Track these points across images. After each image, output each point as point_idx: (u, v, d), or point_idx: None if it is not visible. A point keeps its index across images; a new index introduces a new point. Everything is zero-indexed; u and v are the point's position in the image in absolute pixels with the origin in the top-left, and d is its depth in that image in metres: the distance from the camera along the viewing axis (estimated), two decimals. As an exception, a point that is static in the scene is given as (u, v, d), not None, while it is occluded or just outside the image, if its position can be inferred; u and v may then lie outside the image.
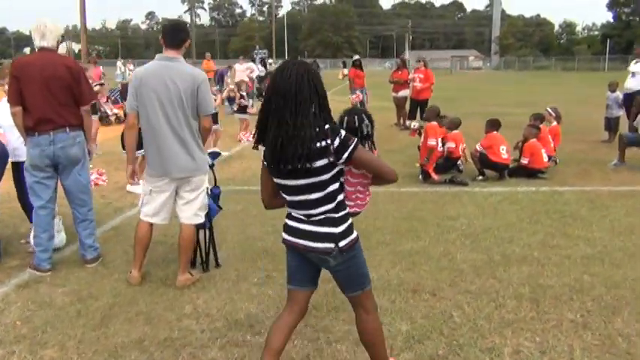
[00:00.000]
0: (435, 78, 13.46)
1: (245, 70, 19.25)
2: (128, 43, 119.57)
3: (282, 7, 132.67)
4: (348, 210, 2.62)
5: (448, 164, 8.28)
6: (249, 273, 4.53)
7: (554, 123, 8.93)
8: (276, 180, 2.59)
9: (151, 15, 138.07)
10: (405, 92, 13.74)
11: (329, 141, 2.41)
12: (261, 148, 2.59)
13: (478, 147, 7.88)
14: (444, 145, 8.04)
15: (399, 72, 14.09)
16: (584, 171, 8.41)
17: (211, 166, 4.56)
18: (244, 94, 12.23)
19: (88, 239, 4.68)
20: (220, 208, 4.68)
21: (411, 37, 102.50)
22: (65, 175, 4.53)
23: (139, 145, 7.04)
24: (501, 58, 78.96)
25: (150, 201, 4.22)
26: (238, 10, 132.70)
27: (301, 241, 2.61)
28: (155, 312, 3.85)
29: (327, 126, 2.45)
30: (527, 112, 10.00)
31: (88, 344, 3.42)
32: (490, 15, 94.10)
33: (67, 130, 4.38)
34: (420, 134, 8.00)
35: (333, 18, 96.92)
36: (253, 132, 2.61)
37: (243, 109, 12.13)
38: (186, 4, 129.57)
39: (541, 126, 8.41)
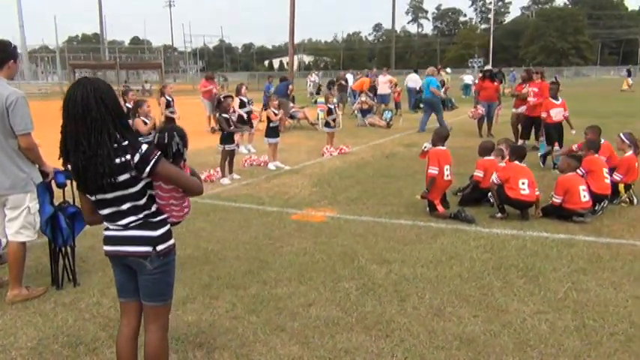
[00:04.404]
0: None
1: (387, 82, 18.79)
2: (354, 55, 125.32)
3: (509, 13, 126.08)
4: (166, 216, 2.69)
5: (476, 196, 7.04)
6: (86, 297, 4.44)
7: (630, 152, 6.91)
8: (88, 196, 2.64)
9: (377, 27, 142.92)
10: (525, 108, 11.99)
11: (128, 157, 2.47)
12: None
13: (495, 179, 6.51)
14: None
15: (523, 85, 12.36)
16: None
17: (61, 185, 4.58)
18: (333, 107, 12.00)
19: None
20: (70, 228, 4.64)
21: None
22: None
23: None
24: None
25: (-11, 216, 4.40)
26: (462, 19, 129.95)
27: (121, 248, 2.65)
28: (-51, 326, 4.01)
29: (126, 142, 2.50)
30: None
31: None
32: None
33: None
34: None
35: (559, 22, 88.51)
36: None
37: (328, 124, 11.96)
38: (410, 14, 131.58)
39: (594, 156, 6.61)
